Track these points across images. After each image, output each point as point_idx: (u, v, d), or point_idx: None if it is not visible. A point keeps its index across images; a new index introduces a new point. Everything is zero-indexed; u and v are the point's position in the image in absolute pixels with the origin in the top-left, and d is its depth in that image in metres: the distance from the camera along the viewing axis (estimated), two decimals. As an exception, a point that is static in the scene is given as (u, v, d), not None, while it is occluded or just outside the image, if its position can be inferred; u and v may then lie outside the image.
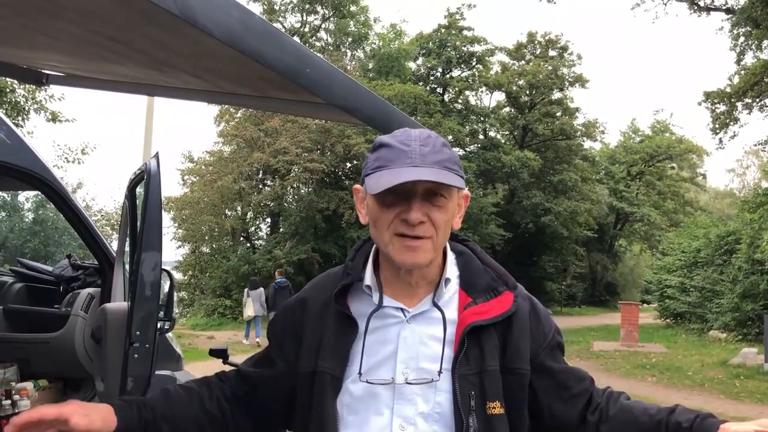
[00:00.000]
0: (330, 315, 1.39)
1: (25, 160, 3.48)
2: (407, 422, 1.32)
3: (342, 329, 1.37)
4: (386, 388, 1.33)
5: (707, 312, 19.39)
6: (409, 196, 1.29)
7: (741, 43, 20.42)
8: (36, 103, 15.10)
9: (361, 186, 1.38)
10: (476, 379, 1.33)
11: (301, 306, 1.46)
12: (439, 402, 1.32)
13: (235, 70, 2.22)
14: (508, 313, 1.38)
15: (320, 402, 1.34)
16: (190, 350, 13.05)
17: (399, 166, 1.28)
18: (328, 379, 1.34)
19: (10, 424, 1.28)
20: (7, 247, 24.44)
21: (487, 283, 1.42)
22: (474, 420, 1.31)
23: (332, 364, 1.35)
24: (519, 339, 1.38)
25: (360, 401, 1.33)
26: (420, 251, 1.31)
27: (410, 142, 1.31)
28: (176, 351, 4.59)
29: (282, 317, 1.50)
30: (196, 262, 24.75)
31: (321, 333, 1.39)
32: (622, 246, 43.12)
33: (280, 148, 21.85)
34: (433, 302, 1.38)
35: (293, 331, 1.43)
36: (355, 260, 1.44)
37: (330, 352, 1.36)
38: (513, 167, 28.52)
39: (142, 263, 2.96)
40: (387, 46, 29.50)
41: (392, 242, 1.31)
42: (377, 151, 1.34)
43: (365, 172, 1.35)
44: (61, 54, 2.82)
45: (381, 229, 1.33)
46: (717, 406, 10.19)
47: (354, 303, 1.39)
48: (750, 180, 49.35)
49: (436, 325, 1.36)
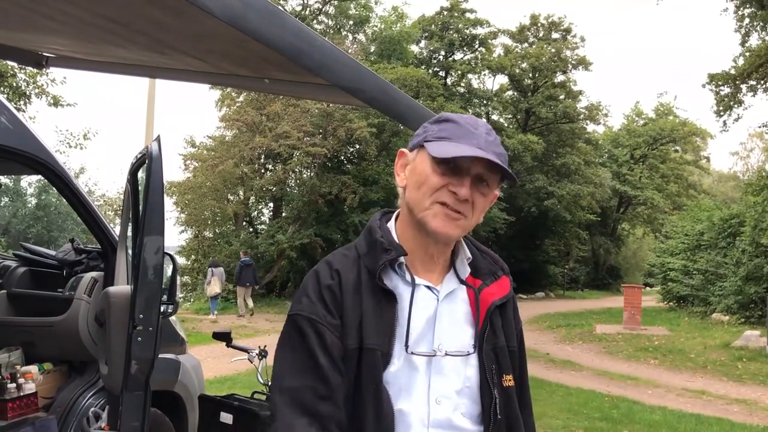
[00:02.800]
0: (366, 293, 1.37)
1: (28, 145, 3.46)
2: (443, 396, 1.37)
3: (383, 306, 1.37)
4: (425, 362, 1.37)
5: (710, 295, 19.40)
6: (462, 173, 1.35)
7: (746, 24, 20.24)
8: (37, 87, 15.04)
9: (410, 152, 1.44)
10: (493, 354, 1.42)
11: (338, 282, 1.39)
12: (468, 377, 1.39)
13: (236, 51, 2.20)
14: (510, 296, 1.50)
15: (373, 379, 1.33)
16: (193, 334, 13.11)
17: (466, 144, 1.34)
18: (379, 356, 1.34)
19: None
20: (10, 232, 24.49)
21: (489, 268, 1.51)
22: (497, 392, 1.40)
23: (379, 341, 1.34)
24: (511, 320, 1.50)
25: (402, 377, 1.36)
26: (455, 225, 1.37)
27: (478, 127, 1.38)
28: (180, 335, 4.60)
29: (318, 296, 1.39)
30: (199, 246, 24.74)
31: (360, 310, 1.36)
32: (625, 229, 43.09)
33: (282, 133, 21.75)
34: (460, 280, 1.45)
35: (336, 307, 1.37)
36: (386, 237, 1.43)
37: (373, 329, 1.35)
38: (516, 151, 28.42)
39: (145, 247, 2.96)
40: (389, 28, 29.24)
41: (432, 208, 1.36)
42: (442, 124, 1.40)
43: (425, 139, 1.39)
44: (61, 36, 2.79)
45: (424, 194, 1.37)
46: (719, 388, 10.23)
47: (387, 281, 1.40)
48: (754, 163, 49.17)
49: (464, 303, 1.44)
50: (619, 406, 8.57)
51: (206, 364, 6.64)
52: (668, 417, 8.04)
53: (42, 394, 3.96)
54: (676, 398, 9.48)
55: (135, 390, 2.97)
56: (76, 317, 3.91)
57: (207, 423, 3.84)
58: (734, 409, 8.84)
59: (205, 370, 5.23)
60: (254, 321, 17.38)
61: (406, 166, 1.44)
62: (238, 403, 3.75)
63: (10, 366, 3.87)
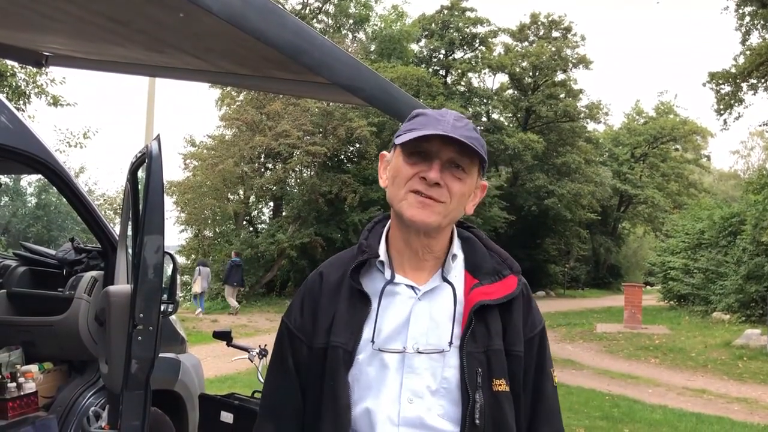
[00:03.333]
0: (343, 292, 1.43)
1: (28, 145, 3.46)
2: (415, 395, 1.35)
3: (355, 305, 1.41)
4: (397, 360, 1.36)
5: (711, 294, 19.38)
6: (432, 158, 1.36)
7: (747, 22, 20.23)
8: (37, 87, 15.02)
9: (388, 153, 1.47)
10: (483, 356, 1.37)
11: (319, 284, 1.48)
12: (446, 377, 1.36)
13: (235, 49, 2.19)
14: (513, 296, 1.43)
15: (332, 376, 1.37)
16: (194, 333, 13.11)
17: (431, 130, 1.35)
18: (341, 354, 1.38)
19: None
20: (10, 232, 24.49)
21: (492, 267, 1.46)
22: (480, 396, 1.34)
23: (344, 338, 1.38)
24: (517, 322, 1.43)
25: (371, 374, 1.37)
26: (431, 210, 1.36)
27: (445, 115, 1.40)
28: (180, 334, 4.60)
29: (300, 301, 1.51)
30: (199, 246, 24.74)
31: (334, 310, 1.42)
32: (626, 228, 43.07)
33: (282, 132, 21.73)
34: (443, 278, 1.42)
35: (311, 310, 1.46)
36: (369, 239, 1.49)
37: (342, 327, 1.40)
38: (516, 150, 28.40)
39: (145, 246, 2.95)
40: (389, 27, 29.22)
41: (406, 198, 1.37)
42: (412, 120, 1.42)
43: (396, 135, 1.42)
44: (60, 35, 2.79)
45: (398, 186, 1.39)
46: (720, 387, 10.23)
47: (367, 281, 1.43)
48: (754, 161, 49.17)
49: (447, 301, 1.40)
50: (620, 405, 8.57)
51: (206, 363, 6.64)
52: (669, 416, 8.03)
53: (42, 393, 3.95)
54: (677, 397, 9.48)
55: (135, 389, 2.96)
56: (76, 316, 3.90)
57: (207, 422, 3.83)
58: (735, 408, 8.84)
59: (206, 369, 5.23)
60: (254, 320, 17.39)
61: (387, 165, 1.46)
62: (238, 403, 3.75)
63: (11, 365, 3.86)
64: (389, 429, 1.34)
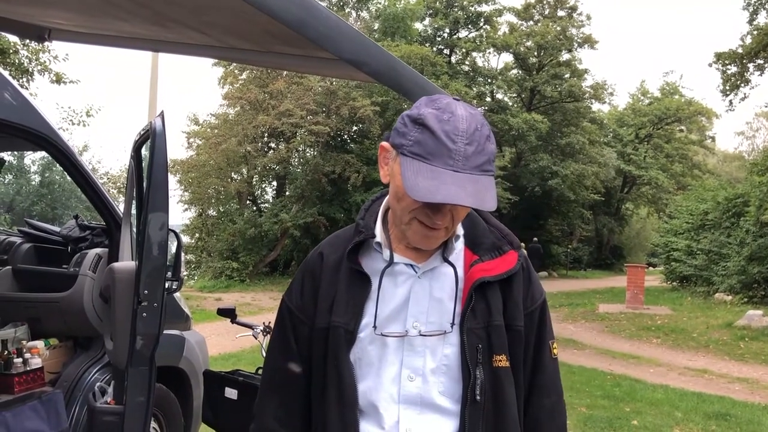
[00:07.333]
0: (343, 273, 1.43)
1: (32, 121, 3.45)
2: (416, 373, 1.36)
3: (355, 285, 1.41)
4: (397, 340, 1.37)
5: (713, 275, 19.38)
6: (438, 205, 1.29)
7: (754, 2, 19.96)
8: (40, 64, 14.97)
9: (391, 147, 1.34)
10: (483, 333, 1.37)
11: (319, 264, 1.48)
12: (446, 354, 1.36)
13: (239, 24, 2.17)
14: (513, 271, 1.42)
15: (335, 355, 1.38)
16: (198, 311, 13.19)
17: (440, 166, 1.23)
18: (342, 333, 1.38)
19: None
20: (14, 209, 24.55)
21: (492, 243, 1.45)
22: (480, 372, 1.35)
23: (346, 318, 1.39)
24: (517, 297, 1.42)
25: (372, 353, 1.38)
26: (436, 240, 1.36)
27: (456, 139, 1.24)
28: (185, 311, 4.62)
29: (300, 281, 1.50)
30: (203, 224, 24.81)
31: (334, 290, 1.42)
32: (629, 209, 42.97)
33: (285, 111, 21.66)
34: (443, 258, 1.40)
35: (312, 290, 1.46)
36: (366, 219, 1.47)
37: (343, 308, 1.40)
38: (520, 130, 28.26)
39: (149, 223, 2.95)
40: (392, 5, 28.92)
41: (411, 225, 1.34)
42: (420, 130, 1.26)
43: (403, 146, 1.28)
44: (63, 10, 2.76)
45: (403, 210, 1.33)
46: (721, 367, 10.27)
47: (365, 260, 1.43)
48: (759, 142, 48.91)
49: (447, 280, 1.40)
50: (621, 385, 8.61)
51: (211, 340, 6.68)
52: (670, 395, 8.07)
53: (48, 369, 3.99)
54: (678, 377, 9.52)
55: (140, 365, 2.98)
56: (81, 293, 3.92)
57: (211, 398, 3.86)
58: (736, 388, 8.88)
59: (210, 346, 5.26)
60: (258, 298, 17.48)
61: (389, 161, 1.36)
62: (242, 379, 3.77)
63: (17, 341, 3.89)
64: (390, 407, 1.36)
